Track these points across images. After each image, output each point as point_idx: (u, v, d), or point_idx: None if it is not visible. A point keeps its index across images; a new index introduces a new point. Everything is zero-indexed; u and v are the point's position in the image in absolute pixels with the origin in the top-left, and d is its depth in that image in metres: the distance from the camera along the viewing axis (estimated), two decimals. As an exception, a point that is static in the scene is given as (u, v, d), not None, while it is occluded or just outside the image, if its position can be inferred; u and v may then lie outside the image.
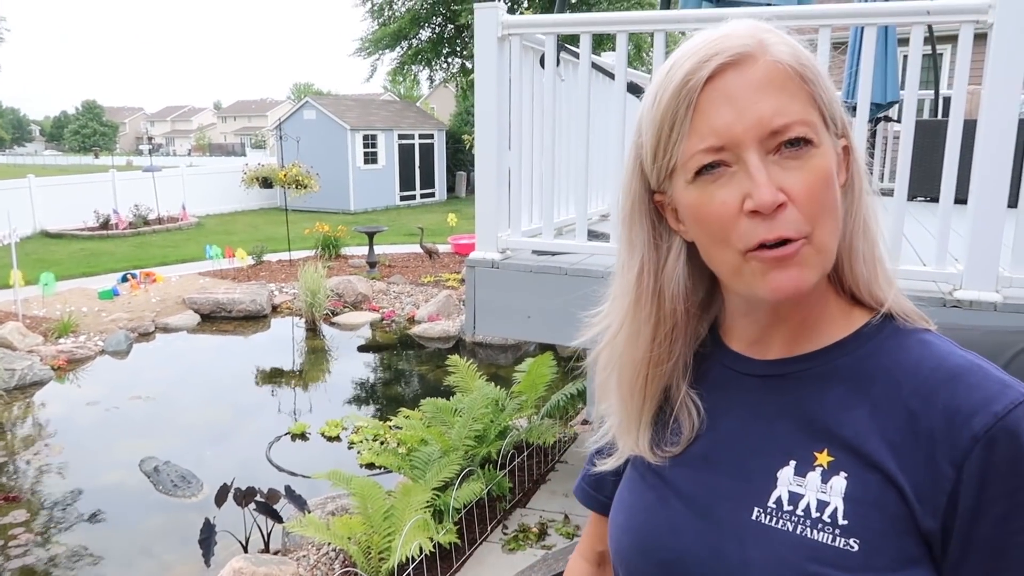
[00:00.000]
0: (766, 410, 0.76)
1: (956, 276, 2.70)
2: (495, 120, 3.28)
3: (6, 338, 7.57)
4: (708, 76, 0.68)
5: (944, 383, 0.68)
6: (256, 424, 6.13)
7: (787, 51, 0.69)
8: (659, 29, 3.06)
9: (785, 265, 0.67)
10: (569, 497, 4.15)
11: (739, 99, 0.67)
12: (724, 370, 0.80)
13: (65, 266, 11.75)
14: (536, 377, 4.84)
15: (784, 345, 0.76)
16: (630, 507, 0.82)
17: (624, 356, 0.81)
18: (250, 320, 9.24)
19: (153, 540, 4.33)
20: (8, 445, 5.66)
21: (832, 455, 0.70)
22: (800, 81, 0.68)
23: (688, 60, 0.69)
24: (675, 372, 0.81)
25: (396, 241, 14.24)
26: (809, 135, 0.67)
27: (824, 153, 0.68)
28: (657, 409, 0.82)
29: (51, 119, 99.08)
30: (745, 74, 0.68)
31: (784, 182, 0.67)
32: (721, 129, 0.67)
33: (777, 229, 0.66)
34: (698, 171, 0.69)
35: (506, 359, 7.71)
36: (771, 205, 0.66)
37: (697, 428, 0.79)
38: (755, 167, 0.66)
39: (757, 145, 0.67)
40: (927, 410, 0.67)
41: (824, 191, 0.68)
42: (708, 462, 0.77)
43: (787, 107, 0.67)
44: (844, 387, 0.72)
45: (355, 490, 3.60)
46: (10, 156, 70.32)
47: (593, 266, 3.24)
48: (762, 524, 0.71)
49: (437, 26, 24.52)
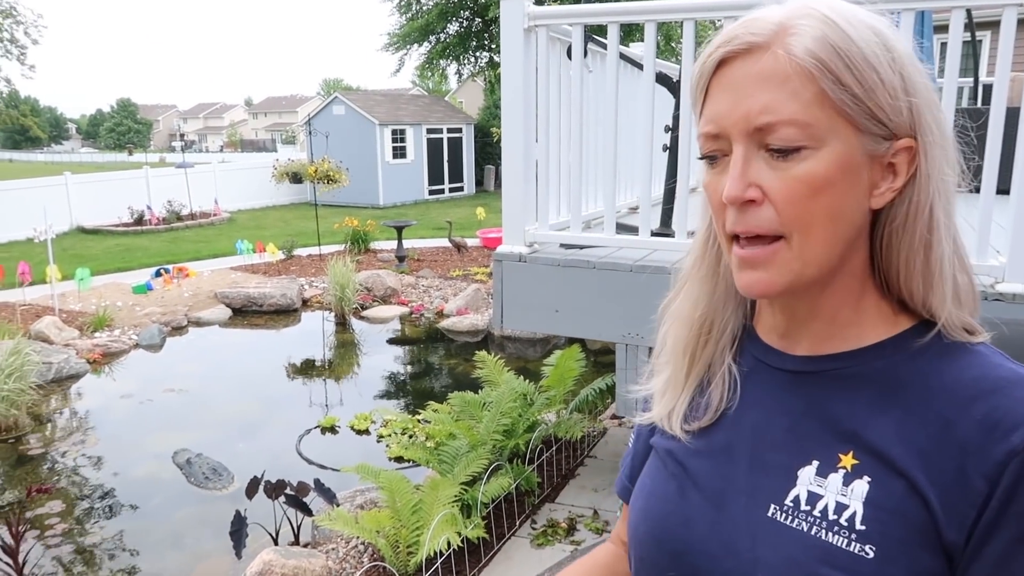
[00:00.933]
0: (793, 406, 0.74)
1: (998, 269, 2.62)
2: (522, 113, 3.25)
3: (43, 332, 7.72)
4: (719, 60, 0.68)
5: (986, 394, 0.65)
6: (286, 417, 6.18)
7: (809, 43, 0.64)
8: (688, 18, 3.01)
9: (752, 266, 0.68)
10: (599, 492, 4.12)
11: (736, 90, 0.67)
12: (755, 361, 0.79)
13: (100, 261, 11.96)
14: (564, 371, 4.81)
15: (815, 342, 0.74)
16: (649, 495, 0.82)
17: (682, 312, 0.82)
18: (280, 314, 9.32)
19: (186, 531, 4.39)
20: (45, 437, 5.78)
21: (857, 458, 0.68)
22: (809, 79, 0.64)
23: (712, 43, 0.69)
24: (722, 341, 0.81)
25: (425, 235, 14.28)
26: (796, 140, 0.64)
27: (822, 157, 0.65)
28: (699, 381, 0.82)
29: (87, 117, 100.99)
30: (748, 65, 0.66)
31: (765, 180, 0.66)
32: (717, 117, 0.68)
33: (745, 223, 0.67)
34: (704, 155, 0.71)
35: (535, 352, 7.69)
36: (734, 200, 0.66)
37: (726, 403, 0.78)
38: (733, 160, 0.67)
39: (744, 138, 0.66)
40: (963, 420, 0.64)
41: (806, 197, 0.65)
42: (729, 454, 0.76)
43: (779, 105, 0.64)
44: (876, 390, 0.70)
45: (383, 484, 3.61)
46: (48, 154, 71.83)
47: (622, 259, 3.20)
48: (776, 522, 0.70)
49: (465, 20, 24.51)
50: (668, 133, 3.62)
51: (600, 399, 4.98)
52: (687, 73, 3.10)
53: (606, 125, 3.31)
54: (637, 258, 3.21)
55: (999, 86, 2.56)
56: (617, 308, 3.18)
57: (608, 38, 3.15)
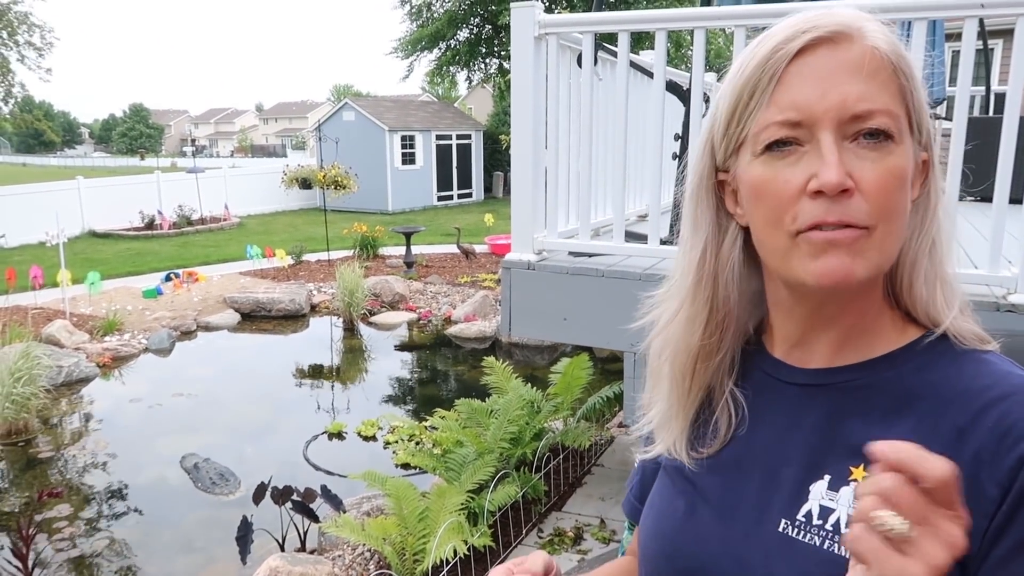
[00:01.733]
0: (804, 420, 0.73)
1: (1010, 279, 2.60)
2: (531, 120, 3.25)
3: (54, 335, 7.77)
4: (800, 48, 0.66)
5: (997, 401, 0.64)
6: (294, 422, 6.19)
7: (886, 40, 0.66)
8: (699, 26, 3.00)
9: (837, 250, 0.64)
10: (606, 501, 4.10)
11: (826, 77, 0.64)
12: (764, 376, 0.78)
13: (111, 265, 12.02)
14: (572, 379, 4.80)
15: (828, 354, 0.73)
16: (659, 513, 0.81)
17: (680, 342, 0.79)
18: (289, 319, 9.35)
19: (192, 536, 4.39)
20: (55, 440, 5.80)
21: (868, 471, 0.66)
22: (894, 73, 0.66)
23: (781, 32, 0.67)
24: (722, 367, 0.79)
25: (433, 241, 14.29)
26: (891, 129, 0.64)
27: (903, 153, 0.65)
28: (699, 406, 0.80)
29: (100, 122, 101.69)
30: (838, 53, 0.65)
31: (856, 170, 0.64)
32: (802, 104, 0.65)
33: (838, 213, 0.64)
34: (769, 145, 0.67)
35: (542, 359, 7.68)
36: (836, 186, 0.63)
37: (735, 428, 0.77)
38: (827, 147, 0.64)
39: (835, 127, 0.64)
40: (976, 429, 0.64)
41: (896, 190, 0.65)
42: (740, 470, 0.76)
43: (875, 95, 0.64)
44: (887, 401, 0.69)
45: (390, 491, 3.60)
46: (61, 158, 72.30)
47: (630, 268, 3.19)
48: (789, 537, 0.69)
49: (475, 27, 24.59)
50: (677, 141, 3.61)
51: (607, 407, 4.96)
52: (698, 81, 3.10)
53: (616, 133, 3.30)
54: (646, 267, 3.20)
55: (1012, 95, 2.54)
56: (626, 317, 3.15)
57: (618, 46, 3.15)
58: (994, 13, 2.59)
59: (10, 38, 29.36)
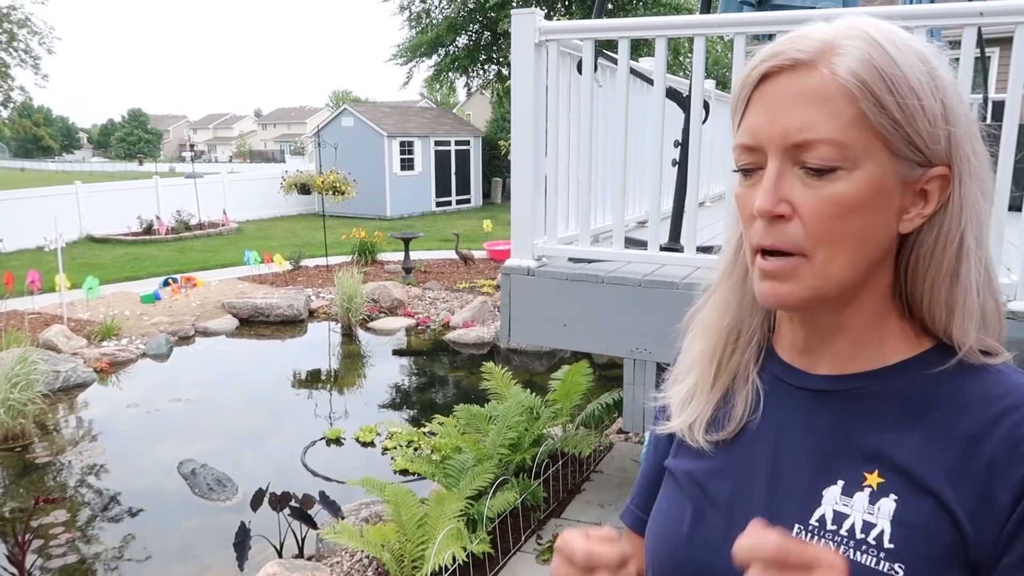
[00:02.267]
0: (816, 426, 0.73)
1: (1010, 287, 2.60)
2: (531, 126, 3.25)
3: (51, 340, 7.75)
4: (761, 75, 0.68)
5: (1011, 410, 0.65)
6: (292, 428, 6.17)
7: (853, 64, 0.65)
8: (699, 33, 3.01)
9: (773, 277, 0.69)
10: (605, 508, 4.09)
11: (777, 105, 0.67)
12: (775, 380, 0.78)
13: (109, 270, 12.01)
14: (571, 385, 4.79)
15: (837, 361, 0.74)
16: (667, 518, 0.81)
17: (710, 321, 0.82)
18: (287, 325, 9.34)
19: (190, 542, 4.37)
20: (52, 446, 5.78)
21: (883, 476, 0.68)
22: (850, 99, 0.64)
23: (757, 56, 0.69)
24: (747, 353, 0.80)
25: (432, 247, 14.30)
26: (831, 160, 0.64)
27: (856, 179, 0.65)
28: (724, 392, 0.81)
29: (98, 127, 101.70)
30: (792, 81, 0.66)
31: (796, 197, 0.66)
32: (756, 130, 0.68)
33: (772, 237, 0.67)
34: (739, 168, 0.71)
35: (541, 366, 7.67)
36: (765, 213, 0.67)
37: (749, 414, 0.78)
38: (767, 174, 0.67)
39: (780, 153, 0.66)
40: (989, 437, 0.65)
41: (836, 217, 0.65)
42: (750, 475, 0.76)
43: (819, 124, 0.64)
44: (901, 408, 0.70)
45: (389, 497, 3.59)
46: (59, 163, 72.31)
47: (630, 274, 3.19)
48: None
49: (474, 33, 24.66)
50: (677, 148, 3.61)
51: (607, 414, 4.95)
52: (697, 88, 3.10)
53: (615, 139, 3.30)
54: (646, 273, 3.20)
55: (1011, 103, 2.55)
56: (625, 323, 3.17)
57: (619, 53, 3.16)
58: (993, 22, 2.61)
59: (9, 43, 29.39)
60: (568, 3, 22.64)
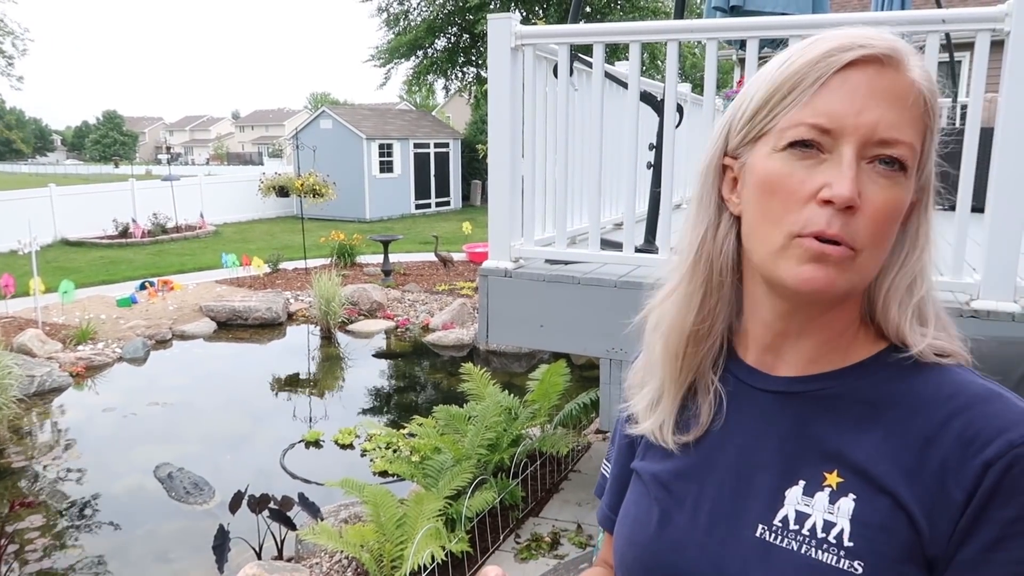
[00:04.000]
0: (778, 428, 0.75)
1: (973, 286, 2.67)
2: (508, 130, 3.29)
3: (26, 345, 7.66)
4: (851, 60, 0.67)
5: (962, 410, 0.67)
6: (271, 431, 6.15)
7: (927, 78, 0.69)
8: (672, 38, 3.06)
9: (825, 261, 0.67)
10: (582, 506, 4.13)
11: (867, 96, 0.66)
12: (737, 383, 0.80)
13: (84, 274, 11.87)
14: (549, 386, 4.83)
15: (799, 363, 0.76)
16: (634, 521, 0.82)
17: (674, 320, 0.80)
18: (266, 328, 9.29)
19: (167, 546, 4.35)
20: (27, 451, 5.72)
21: (842, 476, 0.70)
22: (926, 112, 0.68)
23: (835, 40, 0.68)
24: (710, 354, 0.81)
25: (411, 249, 14.28)
26: (907, 162, 0.67)
27: (908, 187, 0.69)
28: (686, 392, 0.82)
29: (72, 129, 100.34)
30: (885, 76, 0.67)
31: (865, 191, 0.66)
32: (837, 114, 0.66)
33: (838, 227, 0.66)
34: (792, 143, 0.68)
35: (520, 367, 7.70)
36: (847, 201, 0.65)
37: (713, 417, 0.79)
38: (848, 161, 0.66)
39: (859, 145, 0.66)
40: (942, 437, 0.67)
41: (892, 220, 0.68)
42: (715, 477, 0.77)
43: (905, 126, 0.67)
44: (858, 409, 0.72)
45: (368, 498, 3.60)
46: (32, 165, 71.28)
47: (606, 275, 3.24)
48: (766, 542, 0.71)
49: (452, 36, 24.68)
50: (652, 151, 3.67)
51: (584, 413, 5.00)
52: (671, 92, 3.16)
53: (591, 142, 3.35)
54: (621, 274, 3.25)
55: (973, 107, 2.63)
56: (602, 323, 3.21)
57: (593, 58, 3.20)
58: (954, 28, 2.68)
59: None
60: (545, 6, 22.73)
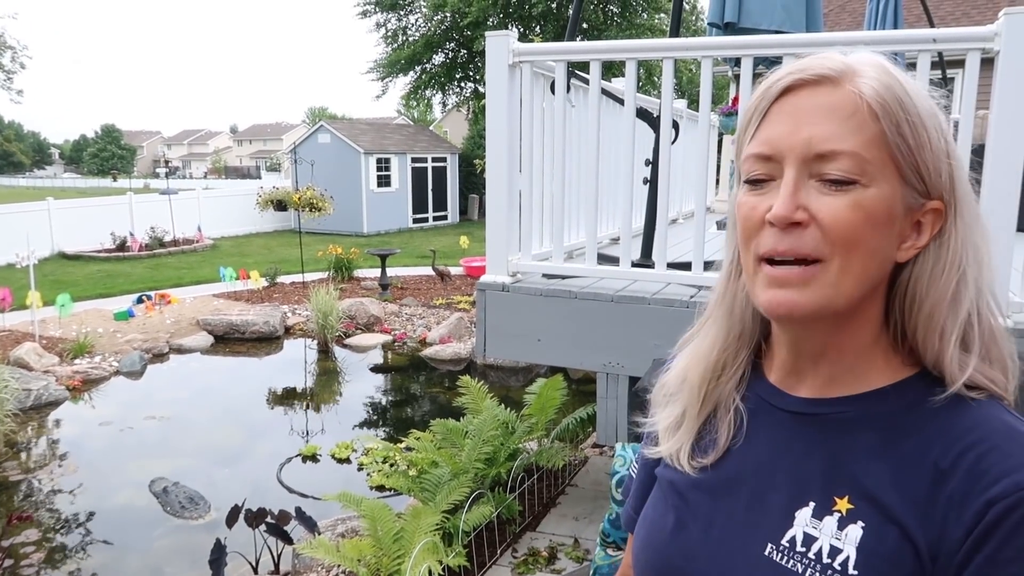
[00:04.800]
0: (793, 447, 0.75)
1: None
2: (506, 145, 3.32)
3: (23, 358, 7.65)
4: (784, 88, 0.70)
5: (975, 445, 0.66)
6: (267, 445, 6.15)
7: (876, 87, 0.68)
8: (668, 56, 3.10)
9: (783, 285, 0.69)
10: (579, 521, 4.13)
11: (800, 117, 0.68)
12: (759, 400, 0.81)
13: (82, 287, 11.87)
14: (546, 400, 4.83)
15: (819, 385, 0.76)
16: (651, 525, 0.84)
17: (700, 350, 0.83)
18: (263, 341, 9.29)
19: (163, 561, 4.34)
20: (23, 464, 5.70)
21: (852, 503, 0.70)
22: (874, 118, 0.67)
23: (779, 71, 0.71)
24: (732, 382, 0.82)
25: (408, 263, 14.31)
26: (851, 173, 0.66)
27: (870, 195, 0.67)
28: (707, 419, 0.83)
29: (70, 142, 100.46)
30: (817, 95, 0.68)
31: (813, 205, 0.67)
32: (775, 139, 0.69)
33: (788, 243, 0.68)
34: (747, 180, 0.72)
35: (517, 381, 7.71)
36: (783, 219, 0.67)
37: (731, 440, 0.80)
38: (786, 182, 0.68)
39: (799, 164, 0.68)
40: (954, 471, 0.66)
41: (858, 224, 0.67)
42: (730, 491, 0.78)
43: (843, 137, 0.67)
44: (875, 436, 0.71)
45: (365, 512, 3.60)
46: (31, 179, 71.30)
47: (603, 290, 3.26)
48: (773, 561, 0.71)
49: (450, 51, 24.84)
50: (648, 166, 3.70)
51: (581, 428, 5.00)
52: (667, 109, 3.19)
53: (588, 158, 3.38)
54: (618, 288, 3.27)
55: (964, 124, 2.66)
56: (598, 338, 3.23)
57: (590, 75, 3.24)
58: (945, 48, 2.72)
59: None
60: (542, 23, 22.90)
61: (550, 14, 22.61)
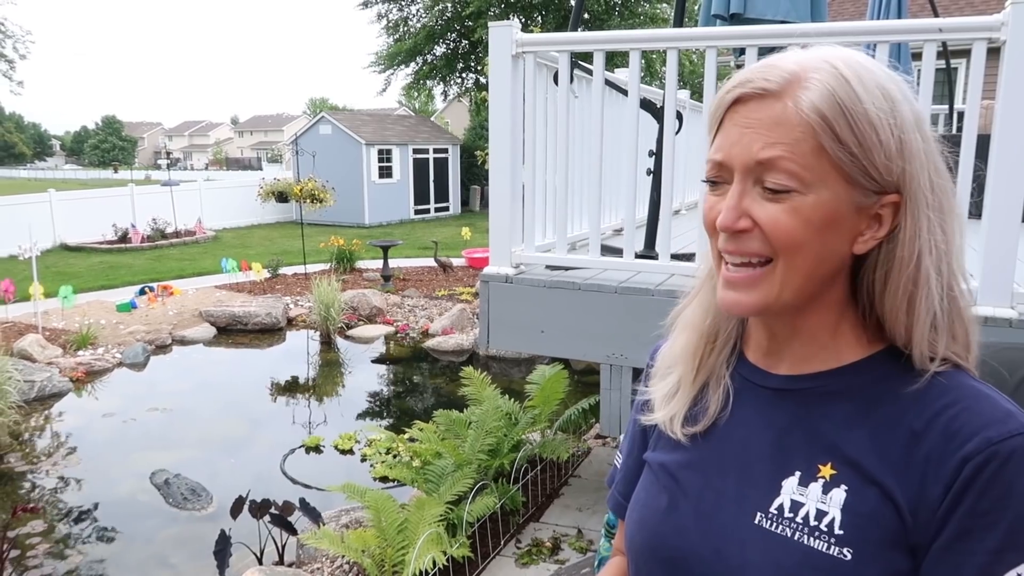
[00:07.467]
0: (776, 422, 0.80)
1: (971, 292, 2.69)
2: (509, 137, 3.31)
3: (26, 350, 7.67)
4: (734, 100, 0.75)
5: (948, 407, 0.71)
6: (271, 436, 6.16)
7: (816, 98, 0.70)
8: (671, 47, 3.09)
9: (734, 287, 0.76)
10: (583, 511, 4.14)
11: (746, 128, 0.73)
12: (742, 380, 0.85)
13: (84, 279, 11.88)
14: (549, 391, 4.84)
15: (795, 361, 0.81)
16: (644, 507, 0.88)
17: (694, 320, 0.88)
18: (265, 333, 9.30)
19: (167, 552, 4.36)
20: (26, 456, 5.72)
21: (835, 468, 0.74)
22: (811, 132, 0.70)
23: (732, 81, 0.76)
24: (724, 352, 0.87)
25: (410, 255, 14.30)
26: (787, 184, 0.71)
27: (812, 202, 0.71)
28: (700, 389, 0.88)
29: (71, 134, 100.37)
30: (761, 108, 0.72)
31: (756, 211, 0.73)
32: (725, 148, 0.75)
33: (735, 245, 0.75)
34: (708, 180, 0.78)
35: (519, 372, 7.71)
36: (727, 227, 0.74)
37: (720, 410, 0.85)
38: (731, 192, 0.74)
39: (744, 172, 0.73)
40: (928, 432, 0.71)
41: (798, 230, 0.71)
42: (719, 467, 0.83)
43: (780, 151, 0.71)
44: (852, 406, 0.77)
45: (369, 503, 3.61)
46: (32, 170, 71.25)
47: (606, 281, 3.26)
48: (763, 528, 0.76)
49: (452, 42, 24.74)
50: (652, 157, 3.69)
51: (584, 419, 5.01)
52: (670, 100, 3.18)
53: (591, 149, 3.37)
54: (621, 280, 3.27)
55: (970, 114, 2.65)
56: (602, 329, 3.23)
57: (594, 65, 3.23)
58: (951, 38, 2.71)
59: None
60: (544, 13, 22.80)
61: (551, 4, 22.49)
